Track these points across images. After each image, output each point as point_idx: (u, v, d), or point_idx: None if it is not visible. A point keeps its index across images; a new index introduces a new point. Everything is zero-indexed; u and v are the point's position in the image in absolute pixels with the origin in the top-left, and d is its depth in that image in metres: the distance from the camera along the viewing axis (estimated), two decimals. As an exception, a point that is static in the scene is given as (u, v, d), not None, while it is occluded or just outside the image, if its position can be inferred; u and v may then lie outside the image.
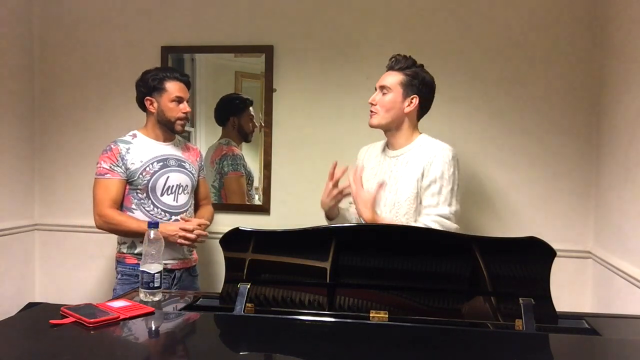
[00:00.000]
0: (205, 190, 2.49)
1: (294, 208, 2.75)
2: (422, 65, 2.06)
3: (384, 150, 2.12)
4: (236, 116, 2.79)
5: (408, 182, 1.97)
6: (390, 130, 2.05)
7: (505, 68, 2.55)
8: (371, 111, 2.05)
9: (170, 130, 2.26)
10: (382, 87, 2.03)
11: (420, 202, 1.96)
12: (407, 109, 2.01)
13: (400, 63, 2.03)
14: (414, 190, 1.95)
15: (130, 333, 1.39)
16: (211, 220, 2.42)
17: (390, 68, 2.05)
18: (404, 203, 1.96)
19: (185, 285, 2.29)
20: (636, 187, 2.03)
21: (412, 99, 2.01)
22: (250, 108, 2.78)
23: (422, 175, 1.95)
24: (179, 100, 2.22)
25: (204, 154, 2.65)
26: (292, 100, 2.74)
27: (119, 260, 2.27)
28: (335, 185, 2.07)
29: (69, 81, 2.93)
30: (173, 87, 2.22)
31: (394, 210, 1.98)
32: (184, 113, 2.24)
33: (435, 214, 1.92)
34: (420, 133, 2.08)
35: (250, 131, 2.79)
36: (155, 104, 2.23)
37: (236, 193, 2.81)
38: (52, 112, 2.95)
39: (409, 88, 2.00)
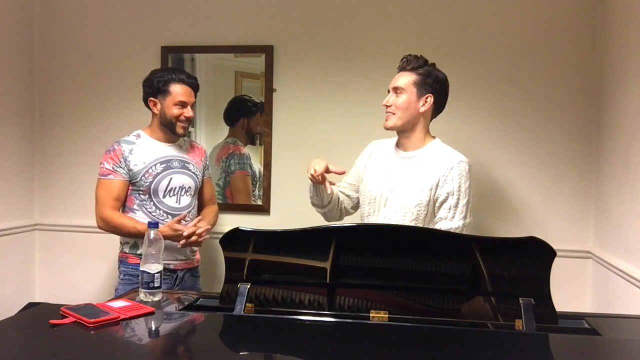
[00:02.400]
0: (210, 190, 2.49)
1: (294, 208, 2.75)
2: (433, 64, 2.04)
3: (393, 149, 2.10)
4: (247, 118, 2.79)
5: (420, 188, 1.95)
6: (405, 131, 2.03)
7: (504, 68, 2.55)
8: (387, 112, 2.02)
9: (172, 132, 2.25)
10: (396, 89, 2.00)
11: (433, 212, 1.95)
12: (422, 109, 1.99)
13: (412, 63, 2.00)
14: (426, 198, 1.93)
15: (130, 333, 1.39)
16: (214, 220, 2.41)
17: (402, 69, 2.03)
18: (414, 209, 1.94)
19: (187, 286, 2.29)
20: (636, 187, 2.03)
21: (427, 97, 1.99)
22: (259, 112, 2.78)
23: (437, 186, 1.93)
24: (182, 104, 2.21)
25: (208, 153, 2.64)
26: (292, 100, 2.74)
27: (122, 260, 2.27)
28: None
29: (69, 81, 2.93)
30: (178, 91, 2.20)
31: (401, 213, 1.96)
32: (185, 117, 2.22)
33: (448, 228, 1.91)
34: (434, 137, 2.06)
35: (257, 133, 2.79)
36: (159, 106, 2.23)
37: (242, 192, 2.80)
38: (52, 112, 2.95)
39: (422, 87, 1.98)
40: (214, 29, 2.78)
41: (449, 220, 1.92)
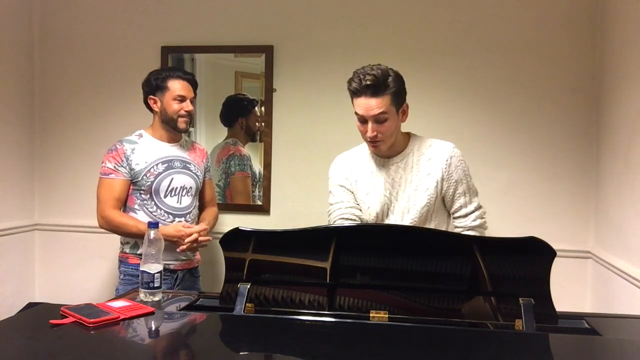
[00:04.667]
0: (211, 192, 2.49)
1: (294, 208, 2.75)
2: (384, 66, 1.87)
3: (374, 158, 1.99)
4: (244, 117, 2.79)
5: (424, 187, 1.91)
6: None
7: (504, 68, 2.55)
8: (374, 142, 1.88)
9: (173, 128, 2.26)
10: (379, 116, 1.83)
11: (441, 205, 1.95)
12: (402, 119, 1.92)
13: (380, 86, 1.81)
14: (434, 195, 1.90)
15: (130, 333, 1.39)
16: (214, 222, 2.42)
17: (373, 94, 1.82)
18: (422, 209, 1.90)
19: (187, 286, 2.30)
20: (636, 187, 2.03)
21: (404, 108, 1.91)
22: (256, 108, 2.78)
23: (442, 179, 1.91)
24: (182, 99, 2.22)
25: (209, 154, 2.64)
26: (292, 100, 2.74)
27: (122, 260, 2.28)
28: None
29: (69, 81, 2.93)
30: (175, 86, 2.22)
31: (407, 217, 1.91)
32: (185, 111, 2.23)
33: (472, 209, 1.95)
34: (407, 133, 2.00)
35: (257, 130, 2.79)
36: (159, 103, 2.24)
37: (242, 193, 2.81)
38: (52, 112, 2.95)
39: (397, 103, 1.87)
40: (214, 29, 2.78)
41: (470, 205, 1.96)
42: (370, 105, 1.83)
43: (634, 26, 2.10)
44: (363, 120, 1.88)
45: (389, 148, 1.93)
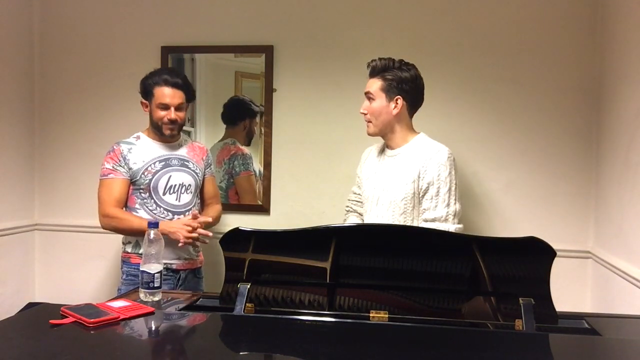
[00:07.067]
0: (213, 188, 2.48)
1: (294, 208, 2.75)
2: (401, 62, 2.03)
3: (382, 150, 2.15)
4: (250, 119, 2.79)
5: (403, 181, 1.99)
6: (386, 134, 2.08)
7: (504, 68, 2.55)
8: (366, 120, 2.08)
9: (161, 134, 2.26)
10: (367, 95, 2.06)
11: (420, 204, 1.98)
12: (394, 112, 2.03)
13: (377, 69, 2.03)
14: (410, 191, 1.98)
15: (130, 333, 1.39)
16: (217, 218, 2.42)
17: (370, 75, 2.06)
18: (400, 203, 1.99)
19: (189, 287, 2.29)
20: (636, 187, 2.03)
21: (397, 100, 2.02)
22: (258, 115, 2.79)
23: (418, 177, 1.97)
24: (164, 107, 2.21)
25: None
26: (292, 100, 2.74)
27: (124, 260, 2.28)
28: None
29: (69, 81, 2.92)
30: (160, 93, 2.21)
31: (390, 209, 2.01)
32: (168, 119, 2.22)
33: (432, 218, 1.95)
34: (418, 133, 2.09)
35: (254, 135, 2.79)
36: (148, 108, 2.26)
37: (248, 192, 2.81)
38: (52, 112, 2.95)
39: (390, 91, 2.02)
40: (214, 29, 2.78)
41: (432, 210, 1.96)
42: (368, 84, 2.07)
43: (634, 26, 2.10)
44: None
45: (391, 140, 2.08)
